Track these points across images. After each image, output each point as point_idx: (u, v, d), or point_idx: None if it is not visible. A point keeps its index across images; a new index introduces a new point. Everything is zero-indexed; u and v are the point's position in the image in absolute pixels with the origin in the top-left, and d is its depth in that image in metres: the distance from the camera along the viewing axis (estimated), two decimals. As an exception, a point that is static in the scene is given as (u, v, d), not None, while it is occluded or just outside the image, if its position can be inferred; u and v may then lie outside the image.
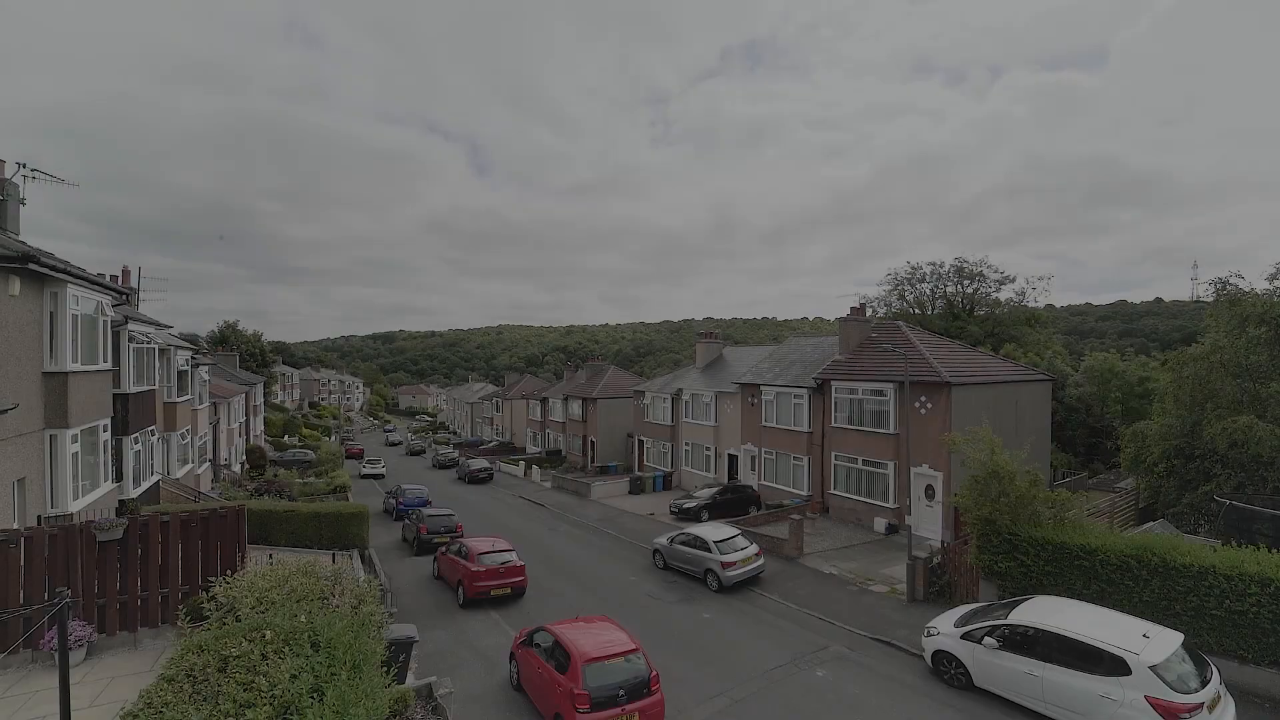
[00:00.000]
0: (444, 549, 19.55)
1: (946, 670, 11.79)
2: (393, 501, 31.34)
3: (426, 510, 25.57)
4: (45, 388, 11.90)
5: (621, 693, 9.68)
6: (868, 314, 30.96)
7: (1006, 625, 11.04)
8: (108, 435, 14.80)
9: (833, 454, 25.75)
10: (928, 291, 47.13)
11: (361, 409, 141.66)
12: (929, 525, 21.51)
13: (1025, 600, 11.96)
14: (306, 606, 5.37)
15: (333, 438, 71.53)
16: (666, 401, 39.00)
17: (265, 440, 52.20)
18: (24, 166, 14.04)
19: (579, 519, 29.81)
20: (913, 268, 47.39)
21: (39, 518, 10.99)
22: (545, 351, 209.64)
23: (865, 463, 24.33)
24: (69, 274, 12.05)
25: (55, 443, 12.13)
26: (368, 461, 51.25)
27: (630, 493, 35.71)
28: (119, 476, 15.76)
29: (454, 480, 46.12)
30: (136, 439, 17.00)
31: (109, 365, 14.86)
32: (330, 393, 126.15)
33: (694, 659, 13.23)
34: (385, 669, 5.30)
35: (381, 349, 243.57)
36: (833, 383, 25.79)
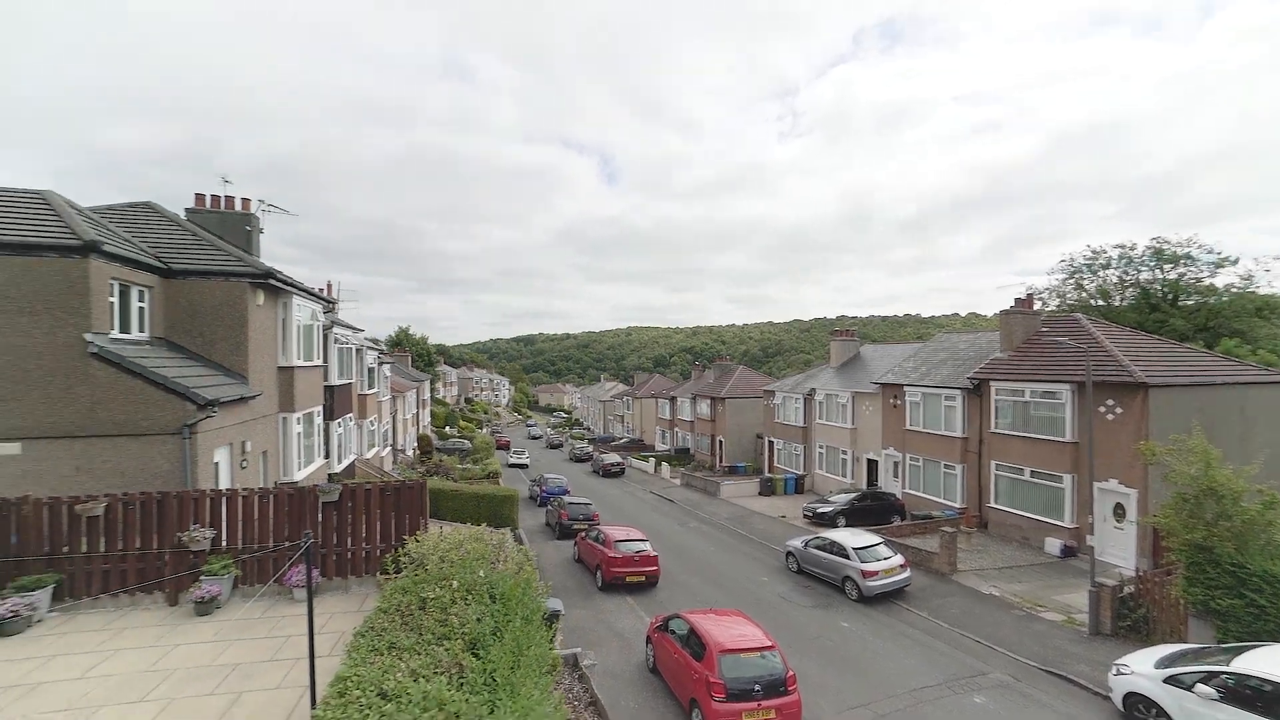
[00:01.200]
0: (583, 535, 20.82)
1: (1143, 716, 10.14)
2: (537, 489, 33.91)
3: (567, 498, 27.36)
4: (279, 379, 14.73)
5: (757, 688, 9.68)
6: (1036, 307, 27.26)
7: (1230, 674, 9.23)
8: (320, 420, 17.90)
9: (992, 463, 23.12)
10: (1114, 279, 40.17)
11: (507, 405, 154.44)
12: (1118, 549, 18.52)
13: (1255, 647, 9.89)
14: (479, 566, 6.19)
15: (485, 430, 79.03)
16: (798, 402, 37.70)
17: (431, 430, 59.12)
18: (263, 203, 17.47)
19: (708, 516, 29.94)
20: (1094, 252, 40.69)
21: (275, 482, 13.65)
22: (672, 352, 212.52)
23: (1034, 474, 21.53)
24: (295, 288, 14.80)
25: (285, 424, 14.97)
26: (514, 452, 55.85)
27: (760, 494, 35.07)
28: (327, 454, 18.99)
29: (588, 473, 48.65)
30: (339, 424, 20.34)
31: (321, 362, 17.98)
32: (482, 390, 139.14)
33: (832, 666, 12.75)
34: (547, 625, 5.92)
35: (523, 350, 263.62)
36: (992, 383, 23.17)
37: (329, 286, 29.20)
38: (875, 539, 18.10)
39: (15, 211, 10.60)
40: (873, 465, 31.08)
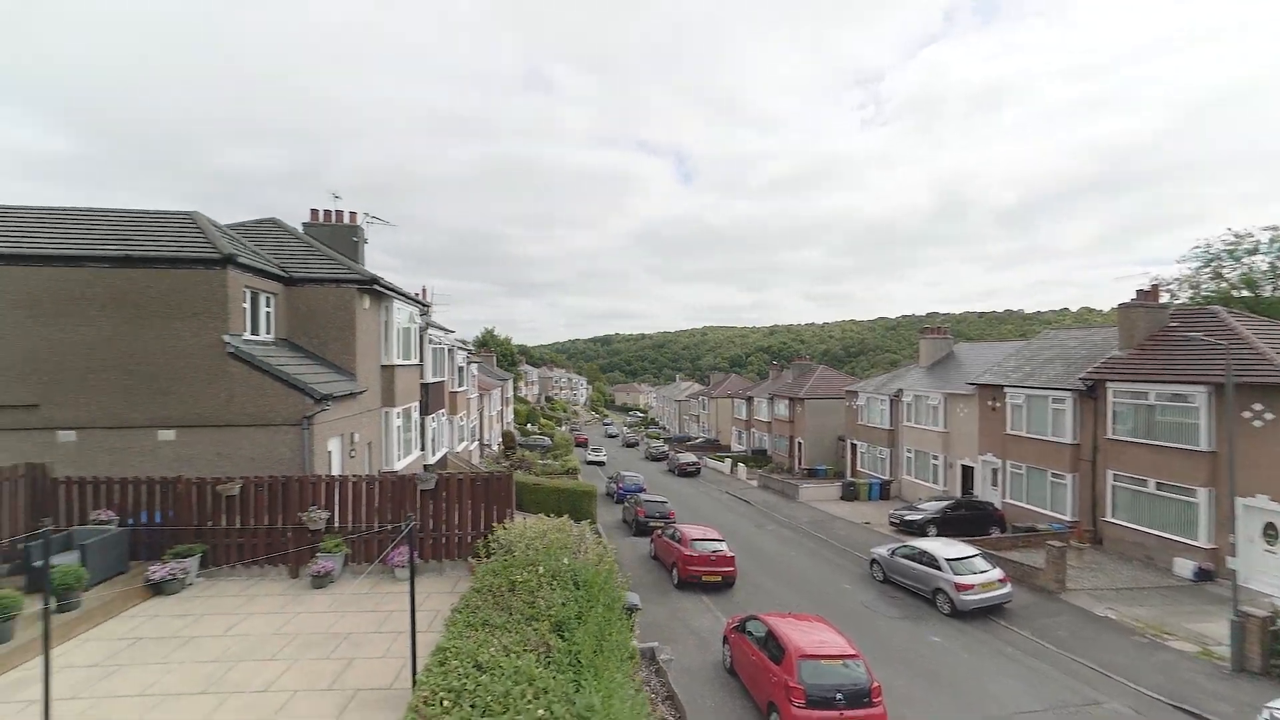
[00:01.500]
0: (659, 532, 21.01)
1: (1298, 766, 8.87)
2: (614, 486, 34.55)
3: (643, 496, 27.70)
4: (381, 377, 16.01)
5: (839, 696, 9.39)
6: (1163, 299, 24.34)
7: None
8: (416, 415, 19.26)
9: (1109, 473, 20.95)
10: (1263, 266, 34.99)
11: (585, 404, 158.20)
12: (1268, 575, 16.24)
13: None
14: (563, 555, 6.48)
15: (564, 427, 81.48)
16: (884, 403, 35.93)
17: (514, 427, 61.77)
18: (368, 215, 19.04)
19: (787, 519, 29.24)
20: (1237, 236, 35.58)
21: (379, 471, 14.84)
22: (748, 352, 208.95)
23: (1161, 487, 19.29)
24: (395, 292, 16.02)
25: (387, 418, 16.24)
26: (592, 449, 57.20)
27: (842, 498, 33.77)
28: (423, 446, 20.38)
29: (664, 472, 48.90)
30: (433, 419, 21.79)
31: (417, 361, 19.33)
32: (561, 389, 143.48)
33: (921, 681, 12.11)
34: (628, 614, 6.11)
35: (600, 351, 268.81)
36: (1109, 384, 20.99)
37: (423, 291, 31.25)
38: (970, 550, 16.96)
39: (169, 231, 12.25)
40: (968, 472, 29.06)
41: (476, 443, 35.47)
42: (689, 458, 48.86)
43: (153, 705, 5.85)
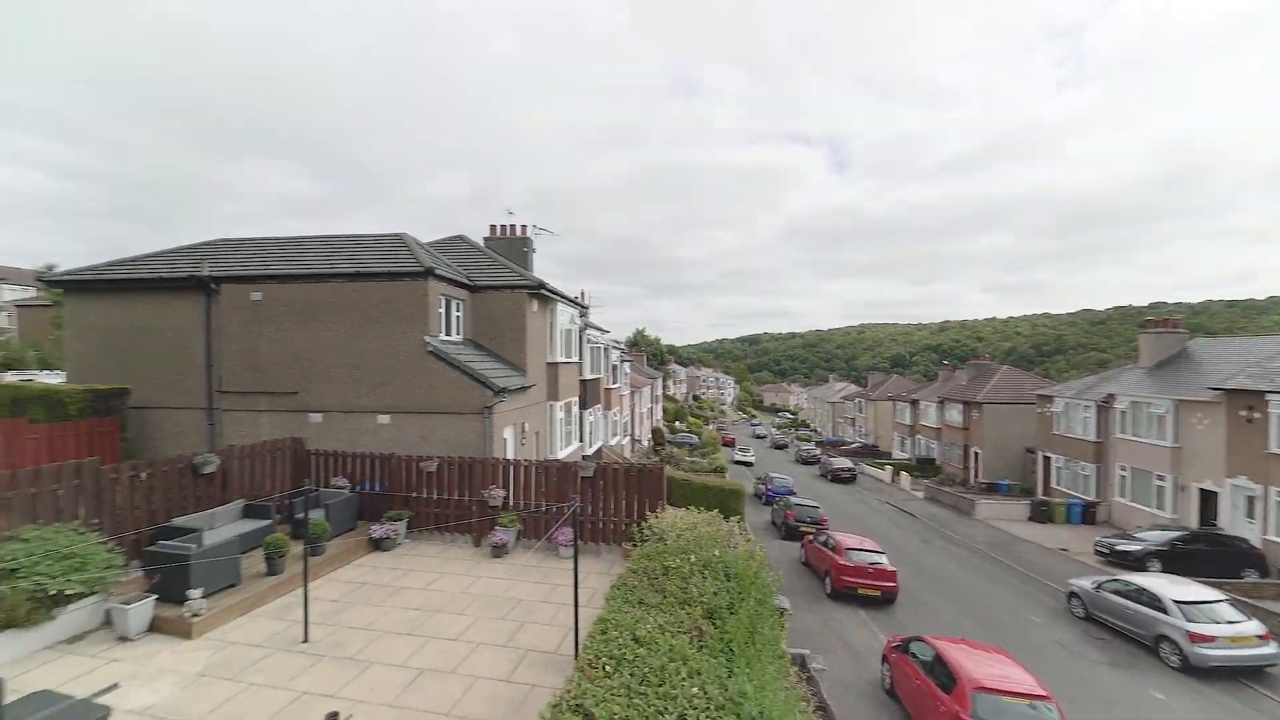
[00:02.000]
0: (811, 538, 20.19)
1: None
2: (762, 487, 33.90)
3: (793, 499, 26.82)
4: (547, 373, 17.55)
5: (1023, 739, 8.28)
6: None
7: None
8: (576, 409, 20.77)
9: None
10: None
11: (732, 404, 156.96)
12: None
13: None
14: (713, 546, 6.62)
15: (711, 426, 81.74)
16: (1088, 410, 30.53)
17: (662, 424, 63.49)
18: (536, 227, 20.97)
19: (959, 537, 26.27)
20: None
21: (543, 459, 16.29)
22: (913, 351, 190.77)
23: None
24: (559, 296, 17.46)
25: (551, 411, 17.75)
26: (739, 450, 56.64)
27: (1030, 518, 29.40)
28: (581, 438, 21.92)
29: (815, 476, 46.73)
30: (590, 413, 23.32)
31: (577, 359, 20.84)
32: (708, 388, 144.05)
33: (1137, 741, 10.17)
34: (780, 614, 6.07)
35: (748, 350, 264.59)
36: None
37: (582, 294, 33.53)
38: (1214, 594, 13.81)
39: (384, 250, 14.72)
40: (1208, 498, 23.54)
41: (628, 438, 37.15)
42: (844, 462, 46.09)
43: (374, 639, 7.14)
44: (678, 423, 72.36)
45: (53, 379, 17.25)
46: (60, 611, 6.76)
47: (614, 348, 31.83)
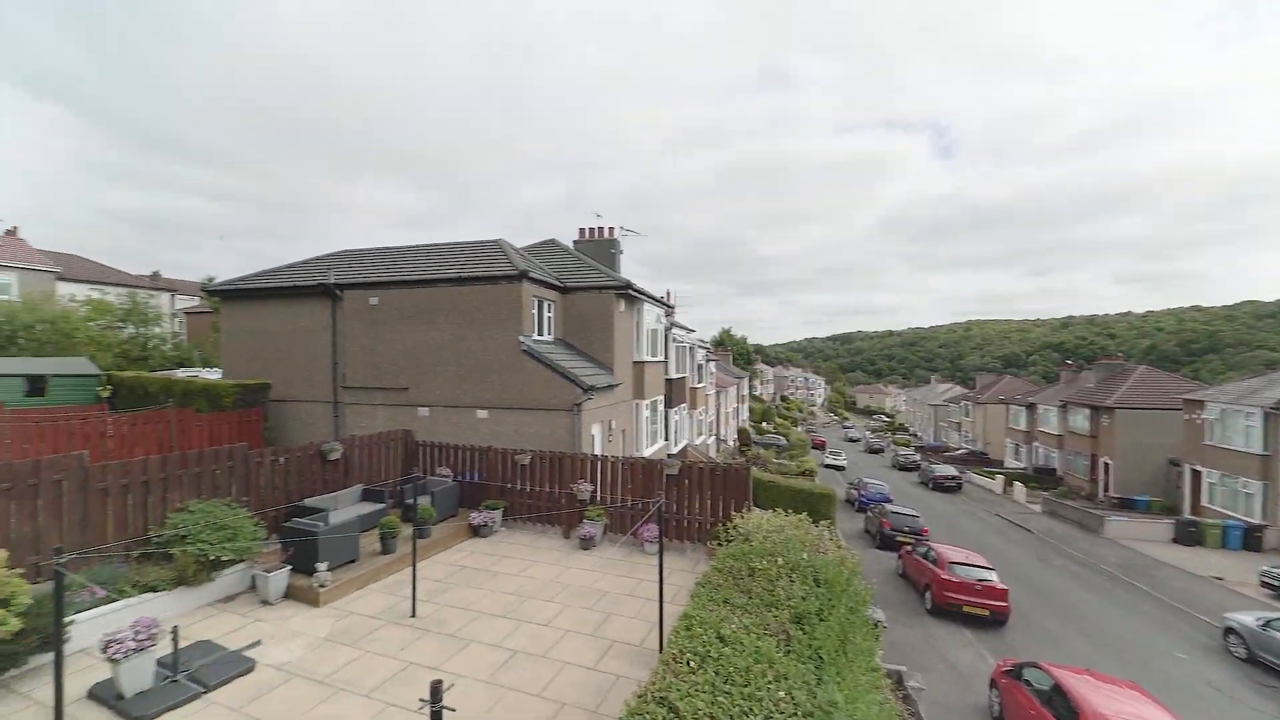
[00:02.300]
0: (909, 549, 19.04)
1: None
2: (854, 493, 32.41)
3: (889, 506, 25.39)
4: (633, 372, 17.83)
5: (1164, 789, 7.33)
6: None
7: None
8: (661, 408, 20.94)
9: None
10: None
11: (822, 405, 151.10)
12: None
13: None
14: (802, 550, 6.44)
15: (799, 428, 79.19)
16: (1252, 419, 26.33)
17: (748, 424, 62.39)
18: (623, 228, 21.37)
19: (1085, 556, 23.63)
20: None
21: (628, 456, 16.57)
22: (1030, 349, 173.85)
23: None
24: (645, 296, 17.69)
25: (637, 409, 18.02)
26: (830, 453, 54.45)
27: (1175, 540, 25.87)
28: (666, 437, 22.07)
29: (914, 483, 43.91)
30: (675, 412, 23.41)
31: (662, 358, 21.01)
32: (796, 388, 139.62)
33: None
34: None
35: (840, 349, 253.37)
36: None
37: (667, 294, 33.72)
38: None
39: (482, 255, 15.64)
40: None
41: (713, 437, 36.87)
42: (947, 470, 42.90)
43: (472, 618, 7.62)
44: (764, 423, 70.81)
45: (212, 375, 19.99)
46: (218, 575, 7.83)
47: (699, 347, 31.72)
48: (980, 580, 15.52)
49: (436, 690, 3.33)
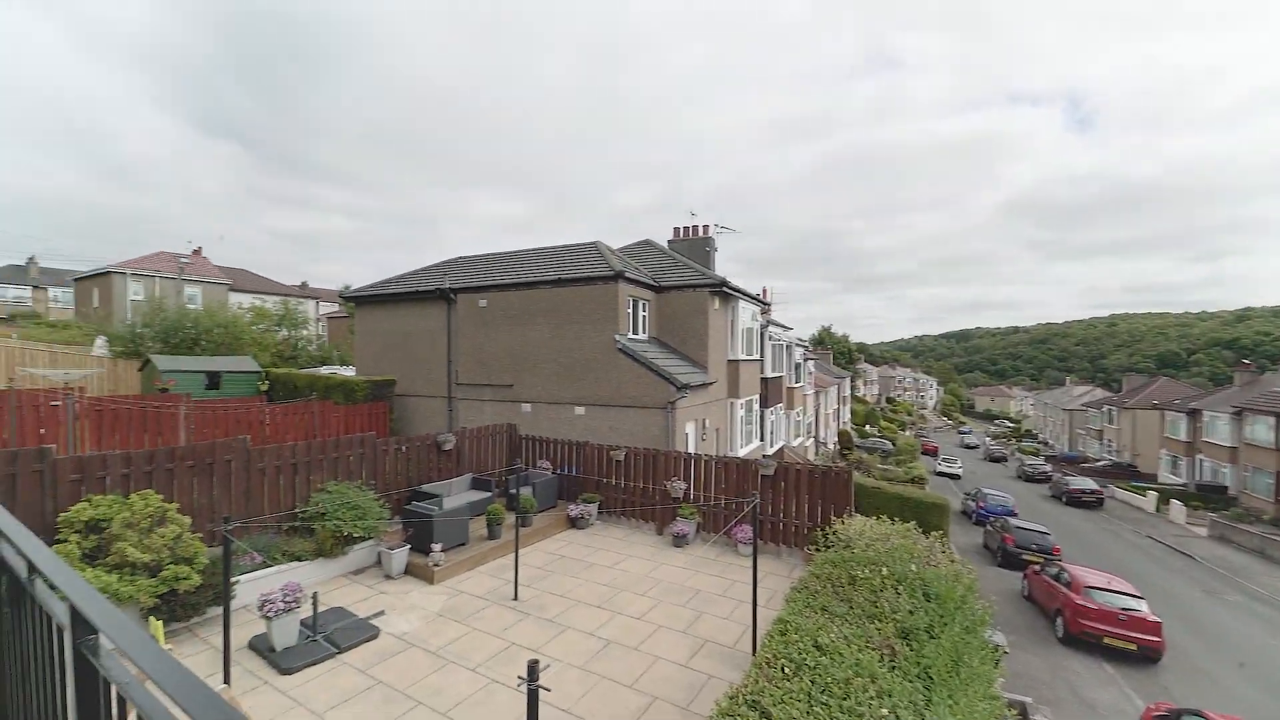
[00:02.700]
0: (1036, 569, 17.19)
1: None
2: (972, 504, 29.78)
3: (1013, 521, 23.04)
4: (727, 370, 17.60)
5: None
6: None
7: None
8: (756, 407, 20.49)
9: None
10: None
11: (935, 408, 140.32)
12: None
13: None
14: (909, 561, 6.00)
15: (908, 432, 74.11)
16: None
17: (850, 427, 59.35)
18: (718, 225, 21.16)
19: (1268, 593, 20.00)
20: None
21: (722, 455, 16.37)
22: (1192, 348, 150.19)
23: None
24: (740, 293, 17.39)
25: (732, 408, 17.77)
26: (943, 459, 50.41)
27: (1399, 582, 21.17)
28: (761, 437, 21.56)
29: (1045, 497, 39.50)
30: (771, 412, 22.81)
31: (758, 357, 20.54)
32: (904, 390, 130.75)
33: None
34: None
35: (955, 348, 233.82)
36: None
37: (763, 291, 32.93)
38: None
39: (580, 256, 16.16)
40: None
41: (812, 439, 35.48)
42: (1086, 483, 38.13)
43: (569, 606, 7.90)
44: (868, 426, 67.08)
45: (348, 372, 22.40)
46: (350, 549, 8.75)
47: (797, 345, 30.65)
48: (1126, 609, 13.63)
49: (533, 669, 3.49)
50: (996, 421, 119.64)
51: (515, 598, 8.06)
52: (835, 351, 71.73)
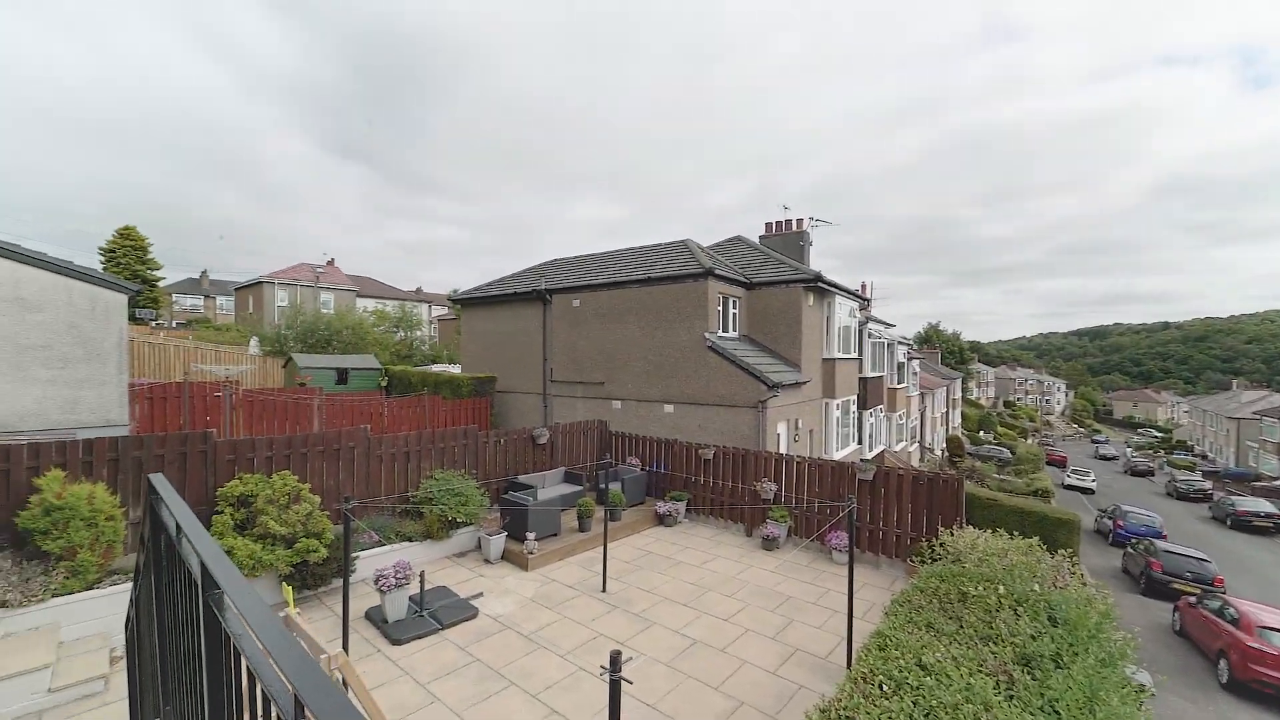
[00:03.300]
0: (1191, 600, 14.88)
1: None
2: (1108, 522, 26.39)
3: (1161, 544, 20.12)
4: (822, 369, 16.85)
5: None
6: None
7: None
8: (854, 409, 19.44)
9: None
10: None
11: (1063, 413, 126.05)
12: None
13: None
14: (1030, 581, 5.37)
15: (1029, 440, 67.16)
16: None
17: (961, 432, 54.77)
18: (813, 219, 20.32)
19: None
20: None
21: (816, 457, 15.67)
22: None
23: None
24: (837, 288, 16.57)
25: (827, 409, 16.99)
26: (1073, 471, 45.09)
27: None
28: (859, 440, 20.43)
29: (1204, 519, 34.13)
30: (870, 414, 21.53)
31: (856, 355, 19.48)
32: (1026, 393, 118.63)
33: None
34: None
35: (1088, 346, 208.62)
36: None
37: (862, 286, 31.22)
38: None
39: (669, 255, 16.16)
40: None
41: (916, 444, 33.13)
42: (1261, 505, 32.44)
43: (656, 601, 7.91)
44: (982, 432, 61.59)
45: (455, 370, 24.04)
46: (454, 533, 9.34)
47: (900, 344, 28.72)
48: (1317, 658, 11.41)
49: (615, 660, 3.50)
50: (1140, 430, 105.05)
51: (603, 590, 8.20)
52: (944, 350, 66.49)
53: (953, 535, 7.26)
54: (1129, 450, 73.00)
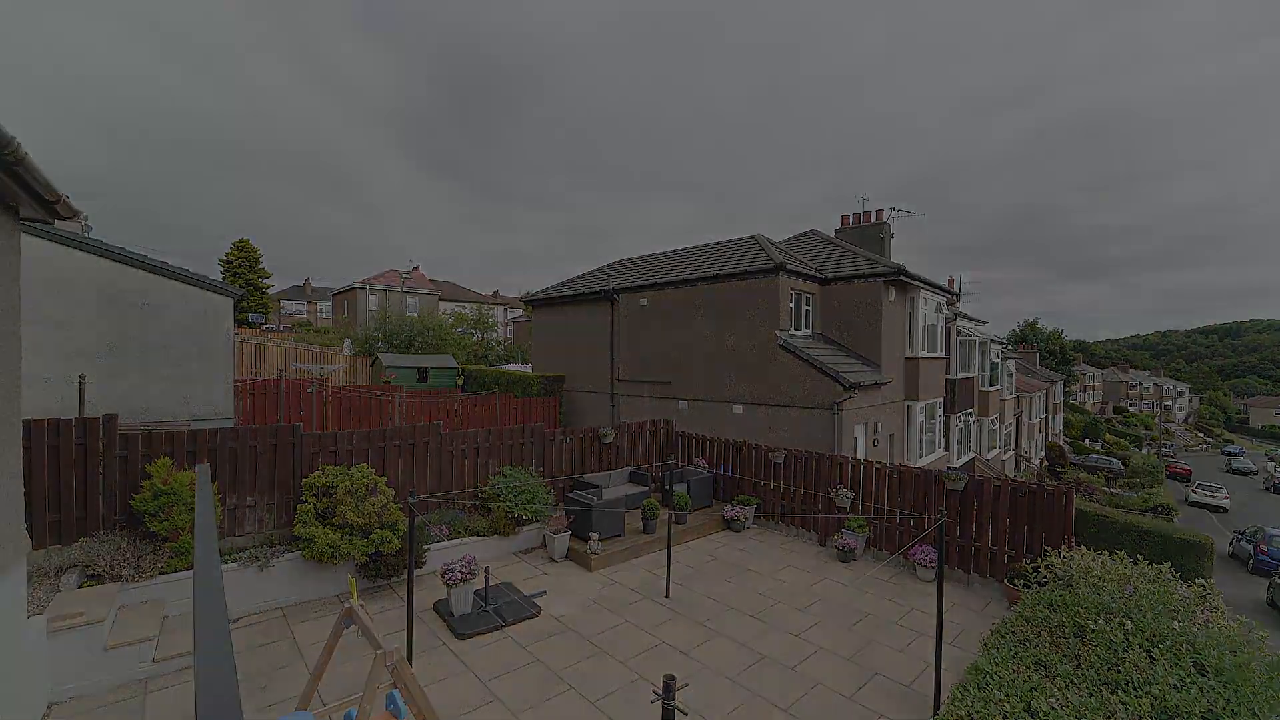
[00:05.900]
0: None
1: None
2: (1247, 546, 23.10)
3: (1320, 576, 17.28)
4: (905, 369, 15.75)
5: None
6: None
7: None
8: (940, 412, 18.06)
9: None
10: None
11: (1186, 421, 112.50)
12: None
13: None
14: (1165, 617, 4.55)
15: (1146, 449, 60.30)
16: None
17: (1064, 440, 50.01)
18: (894, 209, 19.10)
19: None
20: None
21: (897, 464, 14.64)
22: None
23: None
24: (921, 282, 15.43)
25: (909, 411, 15.86)
26: (1199, 486, 39.98)
27: None
28: (946, 446, 18.96)
29: (1377, 549, 29.05)
30: (959, 418, 19.96)
31: (943, 355, 18.09)
32: (1140, 397, 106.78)
33: None
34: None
35: (1217, 346, 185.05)
36: None
37: (950, 280, 29.10)
38: None
39: (739, 251, 15.66)
40: None
41: (1011, 451, 30.48)
42: None
43: (721, 610, 7.55)
44: (1088, 440, 56.01)
45: (526, 369, 24.66)
46: (520, 530, 9.41)
47: (993, 343, 26.50)
48: None
49: (669, 685, 3.23)
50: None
51: (667, 595, 7.95)
52: (1043, 350, 60.99)
53: (1060, 555, 6.41)
54: (1270, 464, 63.76)
